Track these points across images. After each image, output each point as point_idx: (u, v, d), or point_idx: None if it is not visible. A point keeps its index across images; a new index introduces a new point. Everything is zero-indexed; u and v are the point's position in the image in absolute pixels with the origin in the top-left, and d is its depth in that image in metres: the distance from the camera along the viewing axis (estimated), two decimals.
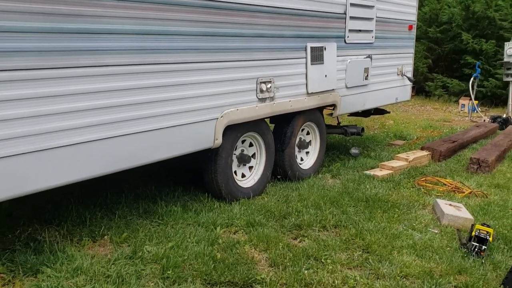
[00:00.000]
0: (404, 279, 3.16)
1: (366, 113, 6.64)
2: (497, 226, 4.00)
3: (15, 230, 3.53)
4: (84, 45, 2.96)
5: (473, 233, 3.60)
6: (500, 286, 3.10)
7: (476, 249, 3.49)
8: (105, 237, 3.53)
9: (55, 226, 3.66)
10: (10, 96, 2.66)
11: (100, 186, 4.36)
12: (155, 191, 4.48)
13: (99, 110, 3.10)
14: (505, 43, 9.99)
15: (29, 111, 2.75)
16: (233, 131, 4.21)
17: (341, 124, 6.28)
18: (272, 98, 4.47)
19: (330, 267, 3.23)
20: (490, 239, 3.58)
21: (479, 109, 10.54)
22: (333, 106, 5.39)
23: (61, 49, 2.86)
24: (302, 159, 5.32)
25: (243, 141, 4.53)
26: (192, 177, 4.68)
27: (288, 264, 3.24)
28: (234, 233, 3.73)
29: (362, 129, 6.05)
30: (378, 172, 5.44)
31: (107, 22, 3.07)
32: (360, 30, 5.51)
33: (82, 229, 3.62)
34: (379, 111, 6.72)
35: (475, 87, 10.34)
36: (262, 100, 4.37)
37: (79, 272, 2.98)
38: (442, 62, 13.20)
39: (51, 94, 2.85)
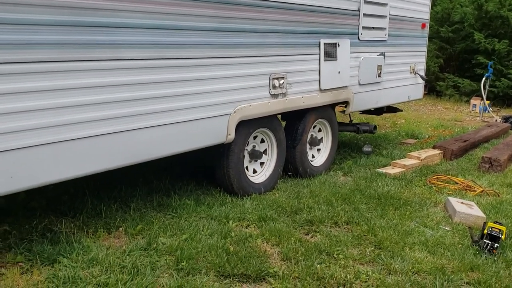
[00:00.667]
0: (416, 274, 3.17)
1: (378, 111, 6.64)
2: (509, 225, 3.99)
3: (32, 221, 3.59)
4: (101, 39, 3.00)
5: (485, 231, 3.60)
6: None
7: (488, 247, 3.49)
8: (120, 229, 3.57)
9: (71, 217, 3.72)
10: (29, 88, 2.71)
11: (114, 179, 4.41)
12: (168, 185, 4.52)
13: (116, 104, 3.14)
14: None
15: (47, 103, 2.80)
16: (245, 126, 4.23)
17: (353, 122, 6.27)
18: (284, 94, 4.49)
19: (342, 262, 3.25)
20: (503, 237, 3.58)
21: (491, 109, 10.47)
22: (346, 103, 5.40)
23: (79, 42, 2.90)
24: (313, 156, 5.33)
25: (254, 137, 4.55)
26: (204, 172, 4.72)
27: (300, 258, 3.26)
28: (246, 227, 3.76)
29: (375, 127, 6.03)
30: (390, 170, 5.44)
31: (124, 16, 3.11)
32: (373, 28, 5.51)
33: (97, 221, 3.67)
34: (391, 109, 6.69)
35: (487, 87, 10.27)
36: (275, 96, 4.39)
37: (94, 262, 3.03)
38: (454, 61, 13.11)
39: (69, 87, 2.89)
